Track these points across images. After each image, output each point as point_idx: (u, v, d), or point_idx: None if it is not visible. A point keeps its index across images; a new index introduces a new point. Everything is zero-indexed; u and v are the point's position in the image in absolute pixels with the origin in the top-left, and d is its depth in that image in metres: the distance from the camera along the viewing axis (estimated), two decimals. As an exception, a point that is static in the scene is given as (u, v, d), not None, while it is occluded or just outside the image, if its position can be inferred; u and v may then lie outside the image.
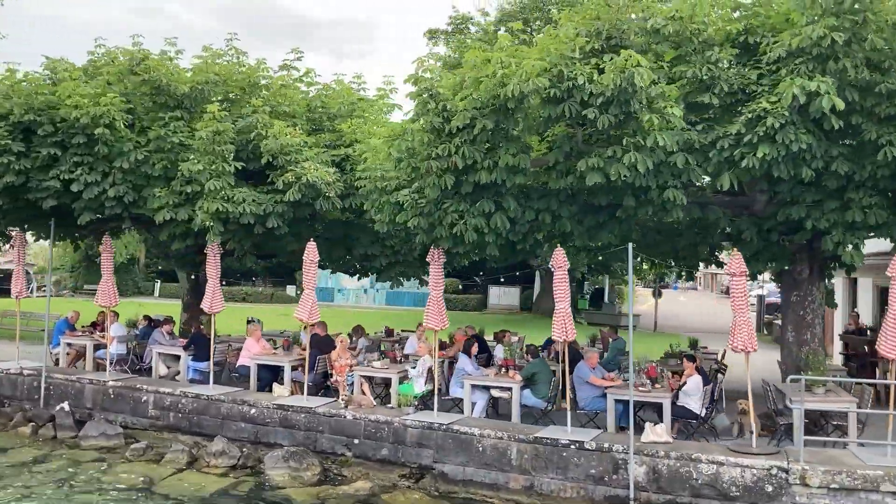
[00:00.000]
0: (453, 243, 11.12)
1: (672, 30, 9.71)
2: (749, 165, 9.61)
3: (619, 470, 10.35)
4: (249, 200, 12.42)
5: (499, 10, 36.21)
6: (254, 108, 12.91)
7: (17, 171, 12.74)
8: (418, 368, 12.76)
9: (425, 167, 10.40)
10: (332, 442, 12.20)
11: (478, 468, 11.16)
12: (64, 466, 12.09)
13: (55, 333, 16.22)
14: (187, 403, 13.38)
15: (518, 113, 9.95)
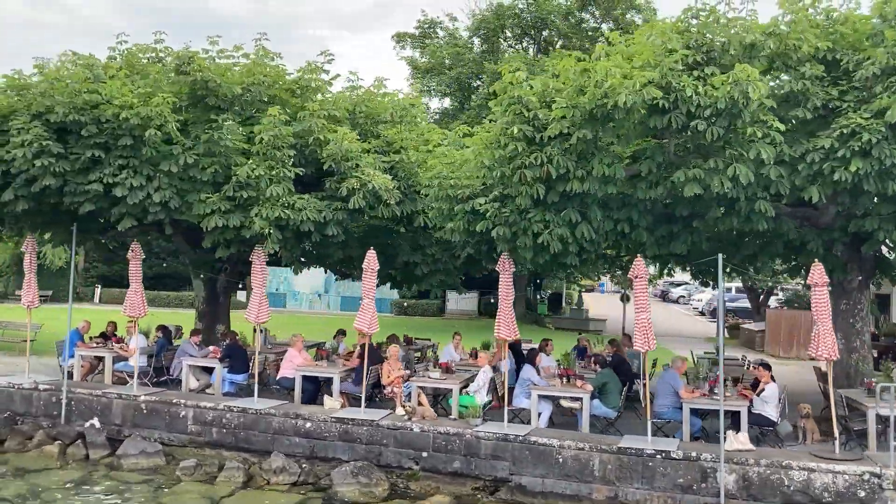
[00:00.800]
0: (535, 253, 11.11)
1: (771, 46, 9.99)
2: (840, 178, 9.97)
3: (707, 478, 10.56)
4: (311, 208, 12.09)
5: (472, 16, 36.43)
6: (311, 112, 12.57)
7: (55, 173, 12.06)
8: (479, 380, 12.70)
9: (518, 176, 10.38)
10: (399, 455, 12.01)
11: (558, 479, 11.19)
12: (114, 488, 11.52)
13: (68, 345, 15.40)
14: (232, 418, 12.93)
15: (616, 123, 10.03)
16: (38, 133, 11.85)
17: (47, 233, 14.98)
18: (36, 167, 11.91)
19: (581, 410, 12.04)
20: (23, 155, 11.77)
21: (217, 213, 12.32)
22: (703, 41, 10.00)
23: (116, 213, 12.70)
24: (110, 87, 12.03)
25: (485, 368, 12.86)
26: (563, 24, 31.73)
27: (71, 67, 12.99)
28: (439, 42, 37.98)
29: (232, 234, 12.59)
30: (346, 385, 13.44)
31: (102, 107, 12.05)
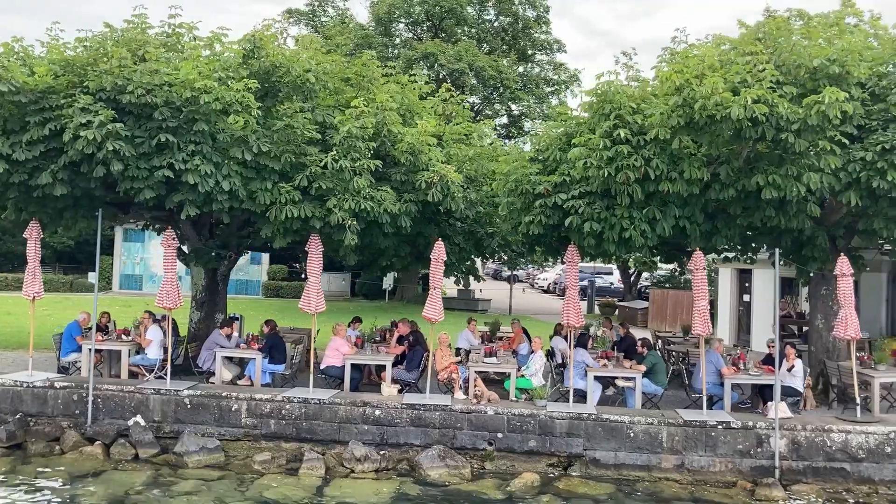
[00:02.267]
0: (617, 247, 12.34)
1: (834, 70, 11.82)
2: (878, 186, 12.06)
3: (762, 444, 12.40)
4: (389, 200, 12.45)
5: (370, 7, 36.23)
6: (382, 104, 12.80)
7: (122, 158, 11.47)
8: (535, 364, 13.77)
9: (622, 177, 11.52)
10: (473, 438, 12.83)
11: (630, 452, 12.58)
12: (198, 487, 11.41)
13: (66, 338, 14.50)
14: (293, 409, 13.06)
15: (714, 131, 11.44)
16: (109, 115, 11.21)
17: (60, 218, 13.93)
18: (105, 151, 11.28)
19: (633, 389, 13.48)
20: (93, 138, 11.10)
21: (290, 203, 12.30)
22: (783, 61, 11.64)
23: (170, 201, 12.29)
24: (187, 68, 11.59)
25: (539, 353, 13.93)
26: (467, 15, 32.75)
27: (110, 44, 12.32)
28: (330, 20, 37.73)
29: (298, 224, 12.63)
30: (397, 371, 13.94)
31: (176, 88, 11.59)
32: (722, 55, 12.29)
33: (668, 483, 12.28)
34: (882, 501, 11.87)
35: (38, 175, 12.17)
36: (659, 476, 12.43)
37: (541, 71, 33.36)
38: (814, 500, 11.71)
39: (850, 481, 12.21)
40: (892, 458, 12.23)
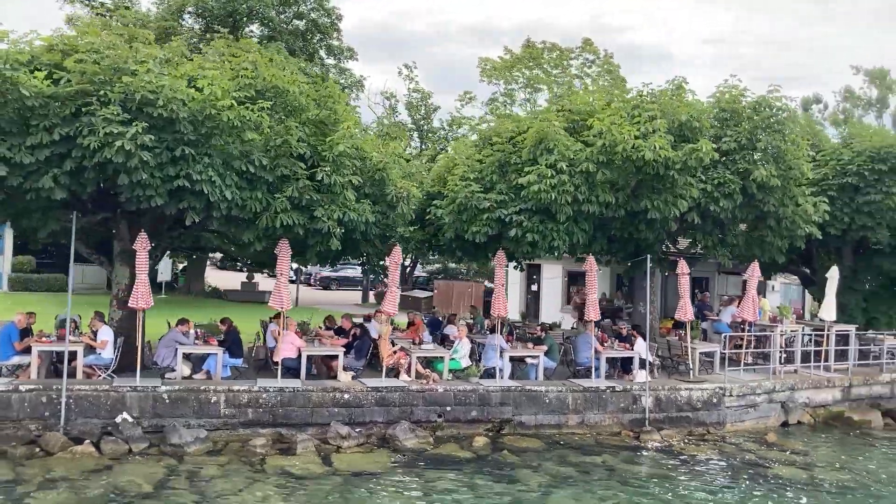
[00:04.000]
0: (546, 253, 15.95)
1: (695, 125, 16.49)
2: (713, 209, 17.10)
3: (637, 401, 16.87)
4: (368, 210, 14.63)
5: None
6: (355, 124, 14.83)
7: (147, 167, 12.32)
8: (464, 349, 16.86)
9: (563, 199, 15.12)
10: (427, 412, 15.63)
11: (546, 414, 16.29)
12: (219, 474, 12.81)
13: (4, 342, 14.35)
14: (269, 398, 14.74)
15: (627, 168, 15.46)
16: (143, 126, 12.04)
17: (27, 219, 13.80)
18: (134, 161, 12.08)
19: (537, 365, 17.19)
20: (128, 148, 11.88)
21: (282, 212, 13.95)
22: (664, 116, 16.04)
23: (169, 207, 13.32)
24: (210, 83, 12.69)
25: (465, 340, 17.02)
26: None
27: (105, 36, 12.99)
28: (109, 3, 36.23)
29: (282, 231, 14.29)
30: (347, 360, 16.12)
31: (197, 103, 12.65)
32: (615, 110, 16.34)
33: (575, 436, 16.22)
34: (713, 437, 16.92)
35: (38, 178, 12.42)
36: (567, 431, 16.33)
37: (329, 73, 35.54)
38: (676, 442, 16.36)
39: (692, 425, 17.15)
40: (718, 406, 17.41)
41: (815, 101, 64.09)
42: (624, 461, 14.83)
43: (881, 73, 61.33)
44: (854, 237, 20.50)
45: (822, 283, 22.63)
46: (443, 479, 13.18)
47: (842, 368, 20.68)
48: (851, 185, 19.66)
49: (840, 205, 19.67)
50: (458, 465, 13.99)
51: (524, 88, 40.81)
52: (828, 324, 20.42)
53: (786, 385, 18.90)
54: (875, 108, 61.98)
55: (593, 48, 39.74)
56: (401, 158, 16.70)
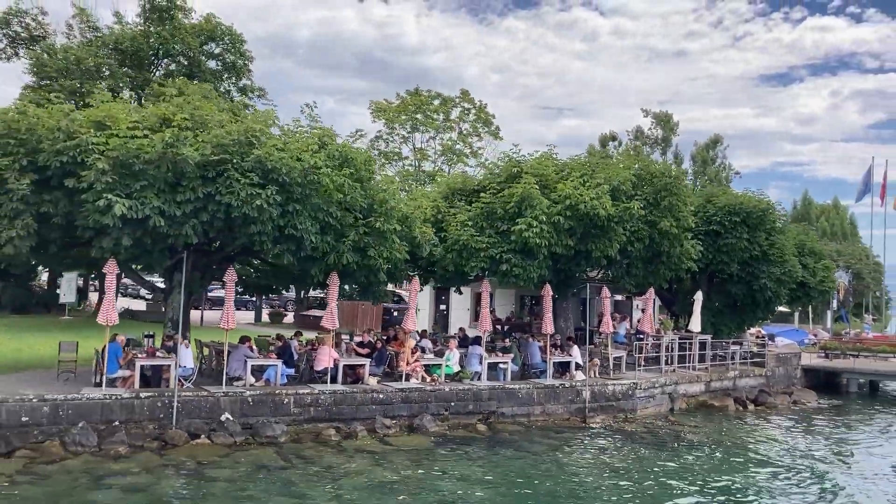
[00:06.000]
0: (524, 283, 21.23)
1: (628, 187, 22.46)
2: (631, 249, 23.26)
3: (579, 394, 22.54)
4: (404, 250, 19.16)
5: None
6: (389, 178, 19.22)
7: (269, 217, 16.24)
8: (454, 357, 21.69)
9: (542, 241, 20.51)
10: (438, 406, 20.38)
11: (519, 406, 21.52)
12: (321, 452, 16.81)
13: (112, 358, 17.29)
14: (325, 399, 18.84)
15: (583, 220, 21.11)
16: (273, 189, 15.92)
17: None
18: (265, 215, 15.94)
19: (507, 368, 22.36)
20: (261, 204, 15.77)
21: (347, 252, 18.14)
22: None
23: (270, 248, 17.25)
24: (311, 156, 16.72)
25: (455, 350, 21.85)
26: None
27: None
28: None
29: (340, 267, 18.47)
30: (370, 368, 20.40)
31: (299, 168, 16.63)
32: (573, 177, 22.04)
33: (540, 422, 21.64)
34: (632, 419, 22.96)
35: (181, 227, 15.87)
36: (534, 419, 21.71)
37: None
38: (610, 424, 22.18)
39: (616, 412, 23.09)
40: (632, 397, 23.51)
41: (611, 139, 74.42)
42: (583, 436, 20.46)
43: (666, 116, 73.03)
44: (713, 269, 27.71)
45: (681, 303, 29.74)
46: (470, 450, 18.09)
47: (702, 368, 27.76)
48: (714, 231, 26.88)
49: (705, 246, 26.74)
50: (474, 442, 18.97)
51: (408, 130, 46.04)
52: (694, 334, 27.38)
53: (671, 380, 25.52)
54: (660, 146, 73.38)
55: (469, 98, 45.87)
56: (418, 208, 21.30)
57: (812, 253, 31.98)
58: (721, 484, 16.63)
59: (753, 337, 35.23)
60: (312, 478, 15.20)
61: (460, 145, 45.24)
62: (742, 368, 29.82)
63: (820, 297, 34.22)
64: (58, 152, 15.61)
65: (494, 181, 23.65)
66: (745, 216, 26.88)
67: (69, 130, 15.85)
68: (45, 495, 13.25)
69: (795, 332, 47.56)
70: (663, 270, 25.03)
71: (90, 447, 15.66)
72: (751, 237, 27.20)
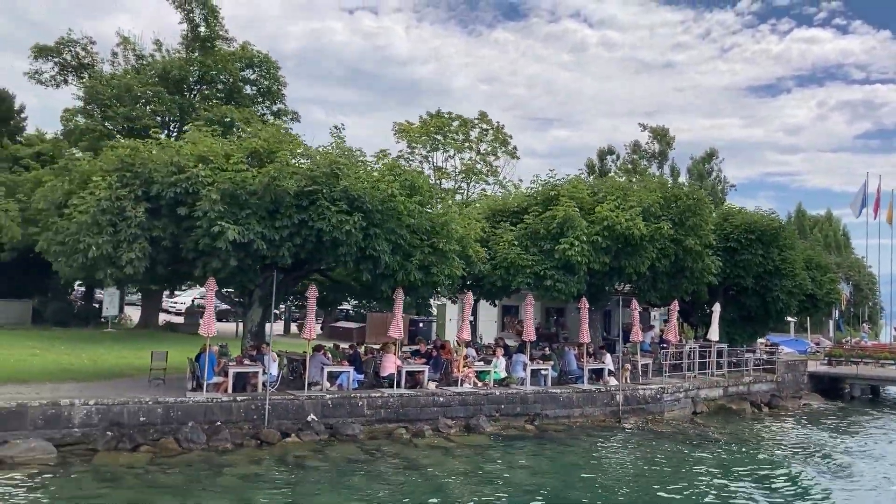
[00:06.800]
0: (566, 297, 23.43)
1: (656, 209, 24.75)
2: (658, 265, 25.54)
3: (614, 398, 24.73)
4: (462, 268, 21.36)
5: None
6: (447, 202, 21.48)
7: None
8: (500, 364, 23.86)
9: (584, 258, 22.74)
10: (490, 409, 22.57)
11: (560, 409, 23.70)
12: (395, 450, 18.98)
13: (209, 366, 19.38)
14: (394, 401, 20.98)
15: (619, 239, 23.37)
16: (359, 215, 18.13)
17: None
18: (353, 238, 18.14)
19: (547, 374, 24.54)
20: (349, 230, 17.98)
21: (414, 270, 20.31)
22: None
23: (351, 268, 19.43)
24: (388, 184, 18.98)
25: (501, 357, 24.02)
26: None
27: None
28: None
29: (407, 283, 20.65)
30: (429, 374, 22.54)
31: (376, 194, 18.85)
32: (609, 200, 24.31)
33: (579, 423, 23.81)
34: (660, 420, 25.16)
35: (278, 249, 18.04)
36: (574, 420, 23.90)
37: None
38: (641, 425, 24.36)
39: (646, 414, 25.29)
40: (660, 400, 25.70)
41: (609, 153, 76.43)
42: (620, 435, 22.65)
43: (663, 130, 75.22)
44: (729, 283, 30.03)
45: (698, 314, 32.01)
46: (525, 446, 20.26)
47: (720, 374, 30.01)
48: (731, 247, 29.24)
49: (724, 261, 29.05)
50: (526, 439, 21.13)
51: (428, 150, 48.38)
52: (713, 343, 29.65)
53: (694, 385, 27.75)
54: (657, 160, 75.67)
55: (487, 120, 48.29)
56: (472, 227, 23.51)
57: (819, 266, 34.41)
58: (748, 473, 18.90)
59: (763, 346, 37.52)
60: (398, 468, 17.38)
61: (480, 164, 47.54)
62: (755, 374, 32.24)
63: (826, 307, 36.64)
64: (171, 184, 17.86)
65: (532, 203, 25.93)
66: (760, 234, 29.29)
67: (179, 164, 18.07)
68: (178, 482, 15.42)
69: (795, 341, 49.99)
70: (686, 284, 27.34)
71: (200, 444, 17.81)
72: (765, 253, 29.63)
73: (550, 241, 23.82)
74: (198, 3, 38.05)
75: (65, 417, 17.09)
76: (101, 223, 17.67)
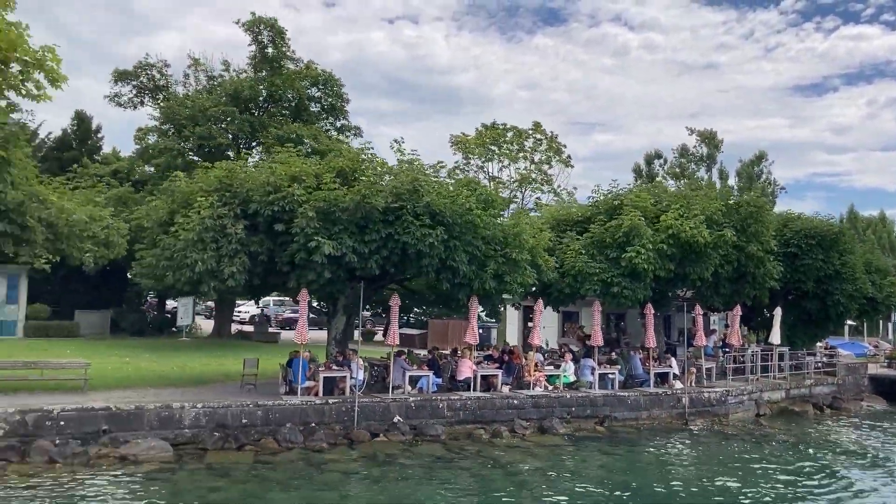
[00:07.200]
0: (632, 304, 24.32)
1: (718, 217, 25.52)
2: (721, 272, 26.28)
3: (680, 401, 25.51)
4: (533, 276, 22.46)
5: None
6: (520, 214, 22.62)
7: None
8: (570, 369, 24.84)
9: (650, 267, 23.62)
10: (561, 411, 23.55)
11: (628, 411, 24.58)
12: (475, 448, 20.10)
13: (302, 371, 20.74)
14: (472, 404, 22.19)
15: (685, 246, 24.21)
16: (442, 229, 19.35)
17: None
18: (436, 251, 19.35)
19: (614, 378, 25.43)
20: (433, 242, 19.17)
21: (490, 279, 21.44)
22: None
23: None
24: (465, 199, 20.18)
25: (570, 363, 25.00)
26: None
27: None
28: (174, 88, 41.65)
29: (482, 292, 21.78)
30: (502, 377, 23.63)
31: (455, 208, 20.05)
32: (674, 209, 25.17)
33: (647, 425, 24.65)
34: (726, 422, 25.83)
35: (366, 262, 19.33)
36: (641, 422, 24.72)
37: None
38: (707, 425, 25.10)
39: (711, 416, 26.02)
40: (724, 403, 26.45)
41: (656, 157, 76.36)
42: (689, 436, 23.43)
43: (711, 134, 74.98)
44: (790, 287, 30.56)
45: (758, 318, 32.52)
46: (598, 445, 21.25)
47: (782, 376, 30.54)
48: (792, 252, 29.80)
49: (784, 266, 29.61)
50: (599, 440, 22.11)
51: (482, 161, 49.59)
52: (774, 346, 30.20)
53: (757, 388, 28.38)
54: (705, 164, 75.50)
55: (541, 130, 49.30)
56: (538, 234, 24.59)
57: (878, 270, 34.66)
58: (816, 471, 19.59)
59: (822, 349, 37.82)
60: (483, 465, 18.53)
61: (535, 173, 48.54)
62: (816, 377, 32.66)
63: (886, 310, 36.82)
64: (269, 203, 19.29)
65: (596, 213, 26.91)
66: (820, 238, 29.82)
67: (275, 184, 19.50)
68: (283, 477, 16.76)
69: (852, 345, 49.95)
70: (748, 289, 28.02)
71: (298, 443, 19.17)
72: (825, 257, 30.15)
73: (616, 249, 24.78)
74: (266, 26, 39.95)
75: (176, 419, 18.61)
76: (206, 240, 19.24)
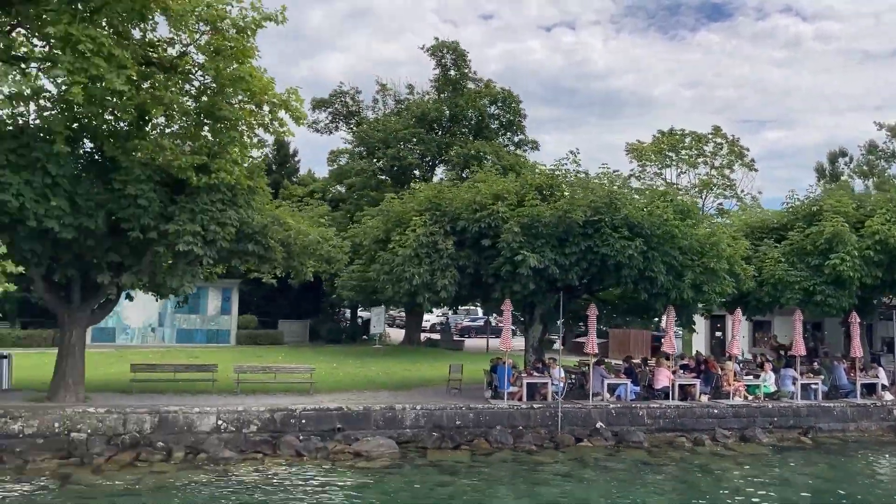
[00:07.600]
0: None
1: None
2: None
3: (891, 412, 24.50)
4: (731, 286, 22.55)
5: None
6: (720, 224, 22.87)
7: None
8: (770, 378, 24.54)
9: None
10: (763, 421, 23.47)
11: (833, 423, 23.91)
12: (669, 451, 20.39)
13: (506, 377, 21.99)
14: (671, 412, 22.51)
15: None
16: (640, 241, 20.02)
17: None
18: (635, 262, 20.02)
19: (818, 388, 24.80)
20: (633, 254, 19.87)
21: (687, 288, 21.76)
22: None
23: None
24: (663, 210, 20.74)
25: (770, 372, 24.73)
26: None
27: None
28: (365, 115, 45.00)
29: (679, 301, 22.10)
30: (700, 387, 23.77)
31: (647, 218, 20.61)
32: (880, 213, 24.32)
33: (855, 437, 23.82)
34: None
35: (565, 274, 20.27)
36: (849, 434, 24.03)
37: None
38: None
39: (927, 429, 24.74)
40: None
41: (840, 155, 71.41)
42: (905, 450, 22.52)
43: None
44: None
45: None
46: (806, 456, 20.95)
47: None
48: None
49: None
50: (806, 451, 21.76)
51: (659, 167, 49.25)
52: None
53: (977, 401, 26.57)
54: None
55: (721, 134, 48.35)
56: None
57: None
58: None
59: None
60: (692, 472, 18.94)
61: (717, 179, 47.65)
62: None
63: None
64: (476, 220, 20.76)
65: (793, 219, 26.40)
66: None
67: (481, 203, 20.94)
68: (501, 475, 18.03)
69: None
70: None
71: (508, 444, 20.42)
72: None
73: (819, 256, 24.25)
74: (449, 50, 42.04)
75: (398, 419, 20.38)
76: (420, 255, 20.97)
